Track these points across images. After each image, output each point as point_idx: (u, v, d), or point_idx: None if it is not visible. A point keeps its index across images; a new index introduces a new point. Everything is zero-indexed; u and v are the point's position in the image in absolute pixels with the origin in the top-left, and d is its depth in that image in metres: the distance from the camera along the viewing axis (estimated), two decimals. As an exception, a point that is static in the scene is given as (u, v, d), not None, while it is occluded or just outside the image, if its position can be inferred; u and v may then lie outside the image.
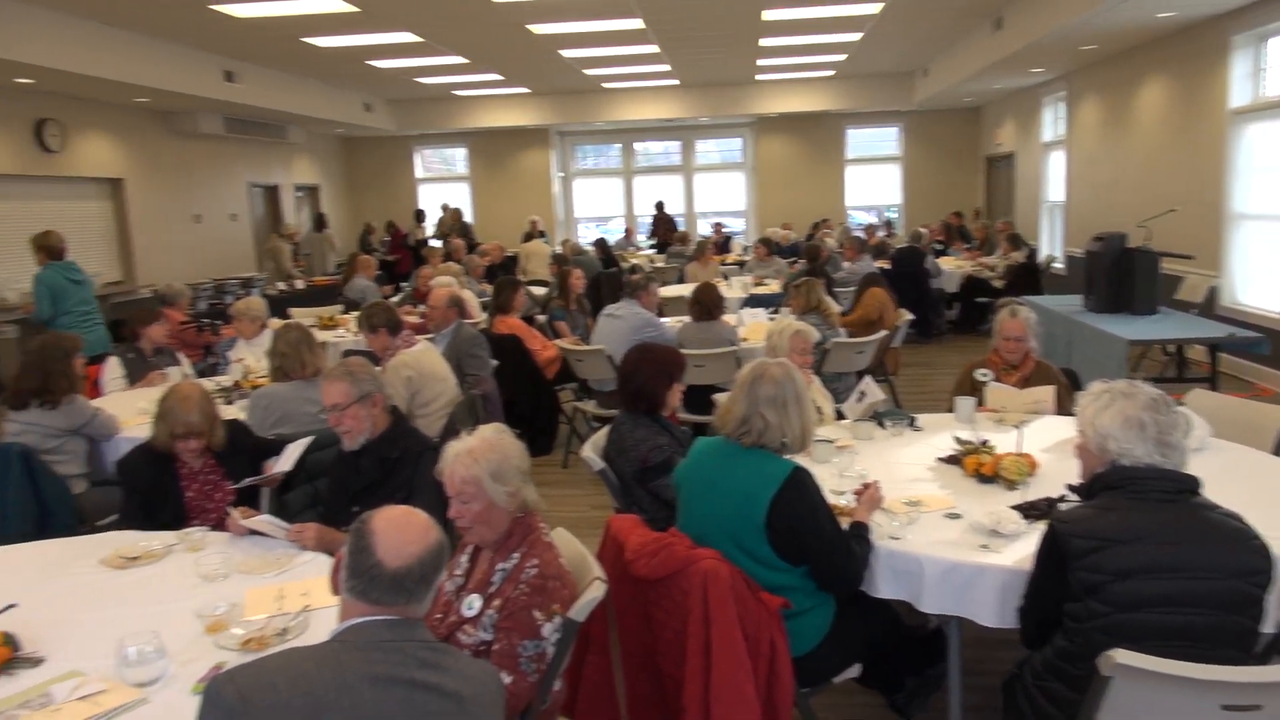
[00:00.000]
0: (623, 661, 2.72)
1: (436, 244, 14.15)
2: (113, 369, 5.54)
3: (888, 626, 2.87)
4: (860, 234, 12.20)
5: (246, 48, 10.20)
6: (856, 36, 11.13)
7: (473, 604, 2.33)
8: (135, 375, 5.53)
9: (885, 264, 10.08)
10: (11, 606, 2.38)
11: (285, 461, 3.40)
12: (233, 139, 13.07)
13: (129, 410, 4.61)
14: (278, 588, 2.53)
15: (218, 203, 13.19)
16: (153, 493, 3.31)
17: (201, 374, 5.96)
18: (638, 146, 18.28)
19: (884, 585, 2.68)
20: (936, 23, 10.67)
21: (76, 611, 2.44)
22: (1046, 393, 4.05)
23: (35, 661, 2.15)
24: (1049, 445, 3.45)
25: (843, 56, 12.73)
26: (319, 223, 15.10)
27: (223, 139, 12.90)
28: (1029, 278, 10.37)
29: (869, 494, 2.88)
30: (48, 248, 7.22)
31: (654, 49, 11.35)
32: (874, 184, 17.62)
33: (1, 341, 8.96)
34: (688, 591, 2.46)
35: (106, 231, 11.19)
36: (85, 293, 7.25)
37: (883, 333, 6.50)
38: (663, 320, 6.60)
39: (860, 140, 17.55)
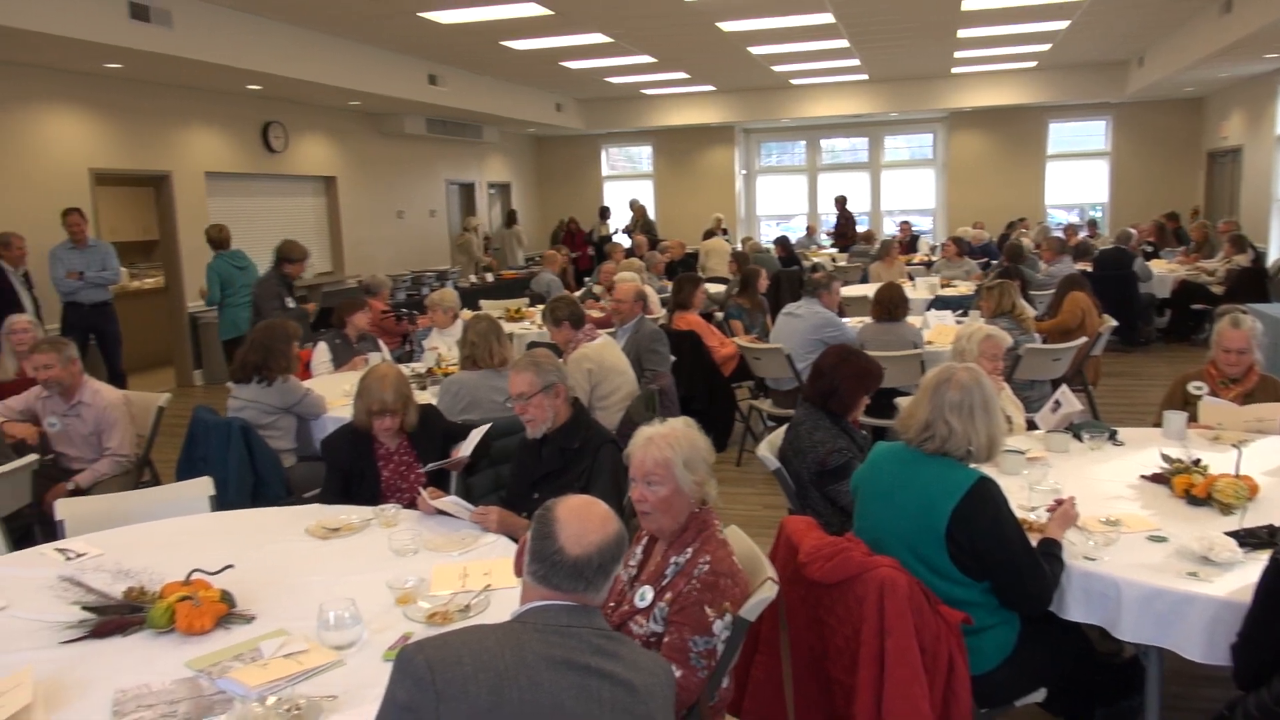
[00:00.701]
0: (791, 663, 2.68)
1: (620, 240, 14.45)
2: (321, 353, 5.97)
3: (1078, 651, 2.69)
4: (1060, 234, 11.51)
5: (449, 52, 10.73)
6: (1063, 24, 10.50)
7: (645, 595, 2.36)
8: (340, 359, 5.93)
9: (1087, 266, 9.46)
10: (229, 567, 2.60)
11: (466, 446, 3.56)
12: (433, 139, 13.80)
13: (334, 392, 4.95)
14: (462, 566, 2.65)
15: (418, 199, 13.97)
16: (352, 470, 3.54)
17: (399, 360, 6.32)
18: (824, 143, 17.97)
19: (1075, 608, 2.52)
20: (1155, 7, 9.90)
21: (284, 575, 2.64)
22: (1273, 410, 3.68)
23: (248, 618, 2.34)
24: (1272, 468, 3.14)
25: (1047, 46, 12.04)
26: (509, 219, 15.73)
27: (424, 139, 13.64)
28: (1254, 284, 9.45)
29: (1062, 510, 2.71)
30: (217, 240, 8.29)
31: (843, 44, 11.12)
32: (1077, 181, 16.56)
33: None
34: (863, 599, 2.39)
35: (319, 225, 12.07)
36: (249, 278, 8.18)
37: (1082, 339, 6.11)
38: (844, 320, 6.46)
39: (1063, 134, 16.54)
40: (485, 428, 3.66)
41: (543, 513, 1.82)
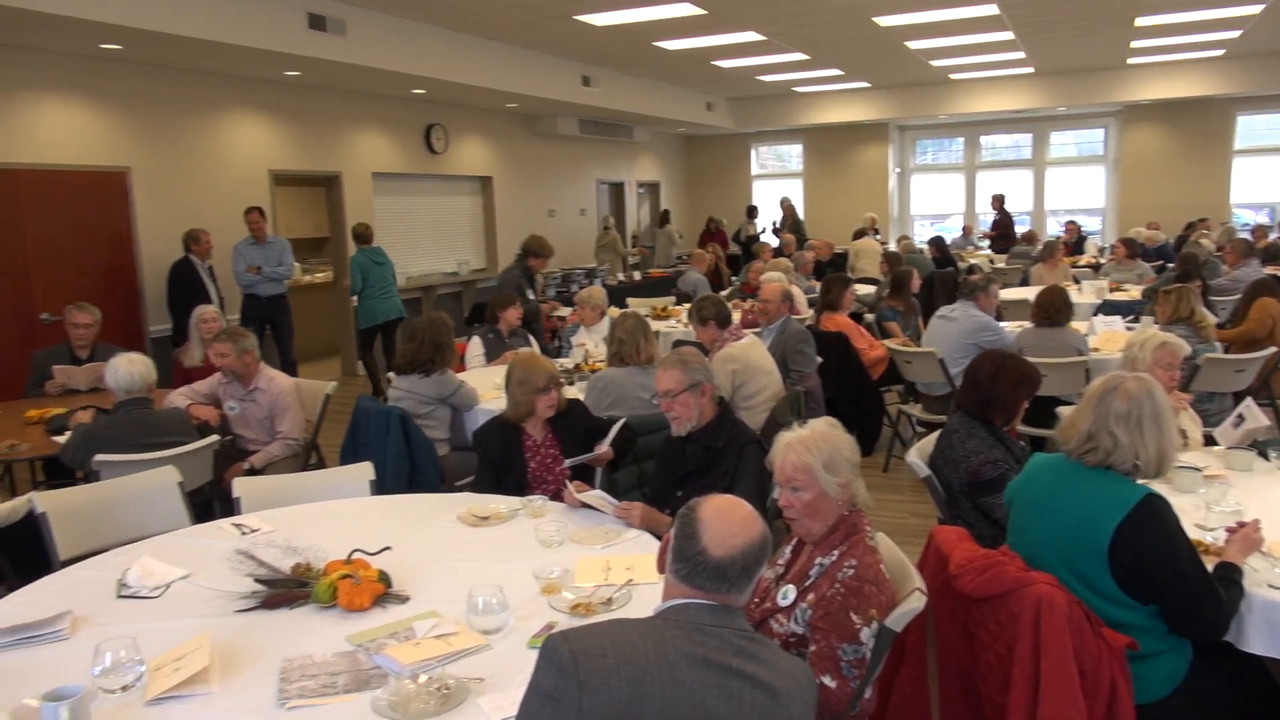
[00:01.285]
0: (939, 678, 2.59)
1: (768, 239, 14.32)
2: (475, 347, 6.18)
3: (1261, 687, 2.49)
4: (1247, 235, 10.66)
5: (602, 53, 10.91)
6: (1257, 9, 9.71)
7: (788, 594, 2.33)
8: (493, 354, 6.13)
9: (1278, 270, 8.73)
10: (387, 549, 2.73)
11: (606, 439, 3.62)
12: (585, 139, 14.06)
13: (486, 385, 5.12)
14: (605, 559, 2.68)
15: (569, 198, 14.27)
16: (502, 462, 3.66)
17: (546, 355, 6.47)
18: (983, 140, 17.28)
19: (1257, 639, 2.33)
20: (1364, -12, 9.05)
21: (436, 560, 2.75)
22: None
23: (403, 599, 2.45)
24: None
25: (1236, 33, 11.17)
26: (663, 218, 15.91)
27: (577, 139, 13.92)
28: None
29: (1244, 533, 2.51)
30: (362, 235, 8.98)
31: (1008, 36, 10.65)
32: (1268, 178, 15.30)
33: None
34: (1017, 616, 2.29)
35: (475, 223, 12.51)
36: (386, 272, 8.97)
37: (1271, 350, 5.64)
38: (1001, 324, 6.19)
39: (1253, 128, 15.30)
40: (621, 421, 3.70)
41: (686, 512, 1.82)
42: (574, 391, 4.90)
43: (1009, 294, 8.20)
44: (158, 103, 8.11)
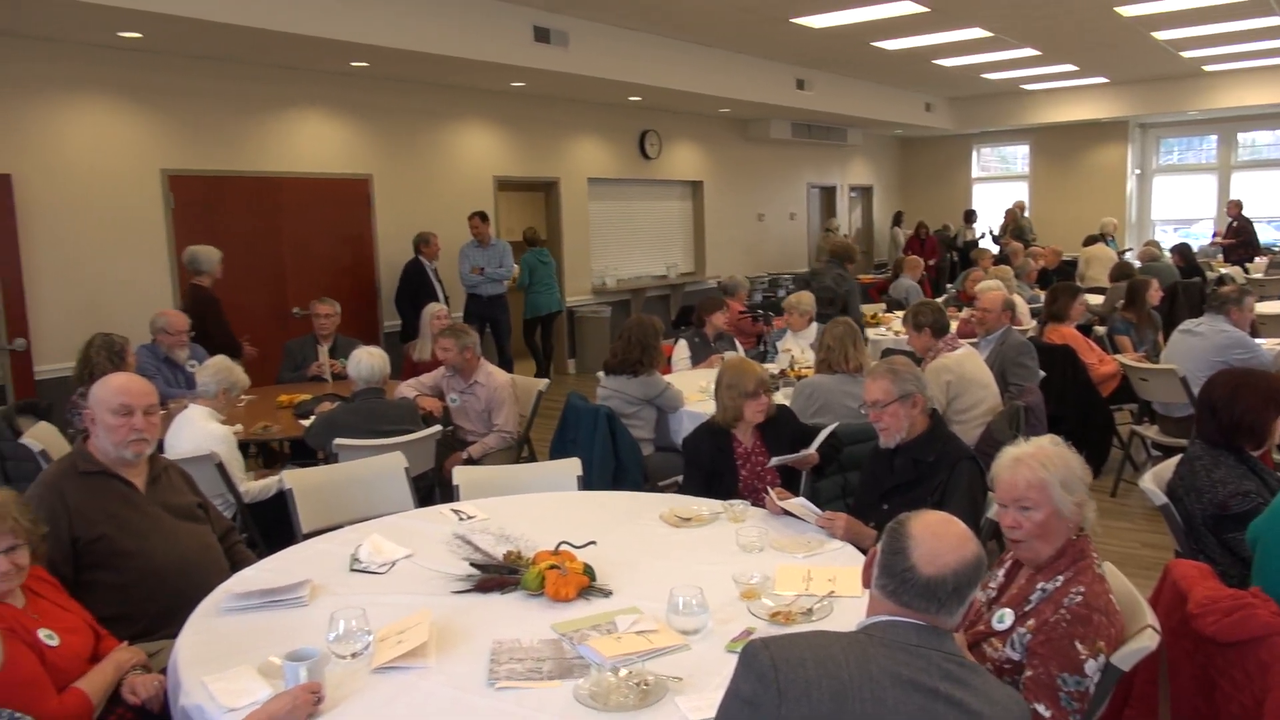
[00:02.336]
0: (1172, 727, 2.37)
1: (987, 245, 13.64)
2: (681, 350, 6.25)
3: None
4: None
5: (818, 56, 10.76)
6: None
7: (1004, 618, 2.20)
8: (698, 357, 6.18)
9: None
10: (591, 543, 2.81)
11: (814, 444, 3.57)
12: (797, 143, 13.92)
13: (691, 388, 5.16)
14: (806, 569, 2.64)
15: (779, 203, 14.17)
16: (713, 469, 3.68)
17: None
18: (1241, 137, 15.67)
19: None
20: None
21: (639, 557, 2.80)
22: None
23: (606, 593, 2.51)
24: None
25: None
26: (895, 219, 15.74)
27: (788, 143, 13.80)
28: None
29: None
30: (533, 239, 9.79)
31: (1275, 21, 9.61)
32: None
33: (596, 320, 10.64)
34: (1269, 665, 2.06)
35: (685, 227, 12.66)
36: (549, 271, 9.79)
37: None
38: (1257, 341, 5.60)
39: None
40: (833, 426, 3.64)
41: (896, 526, 1.75)
42: (780, 398, 4.86)
43: (1266, 308, 7.40)
44: (396, 114, 8.75)
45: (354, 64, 7.74)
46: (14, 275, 6.35)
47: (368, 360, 4.54)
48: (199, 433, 3.99)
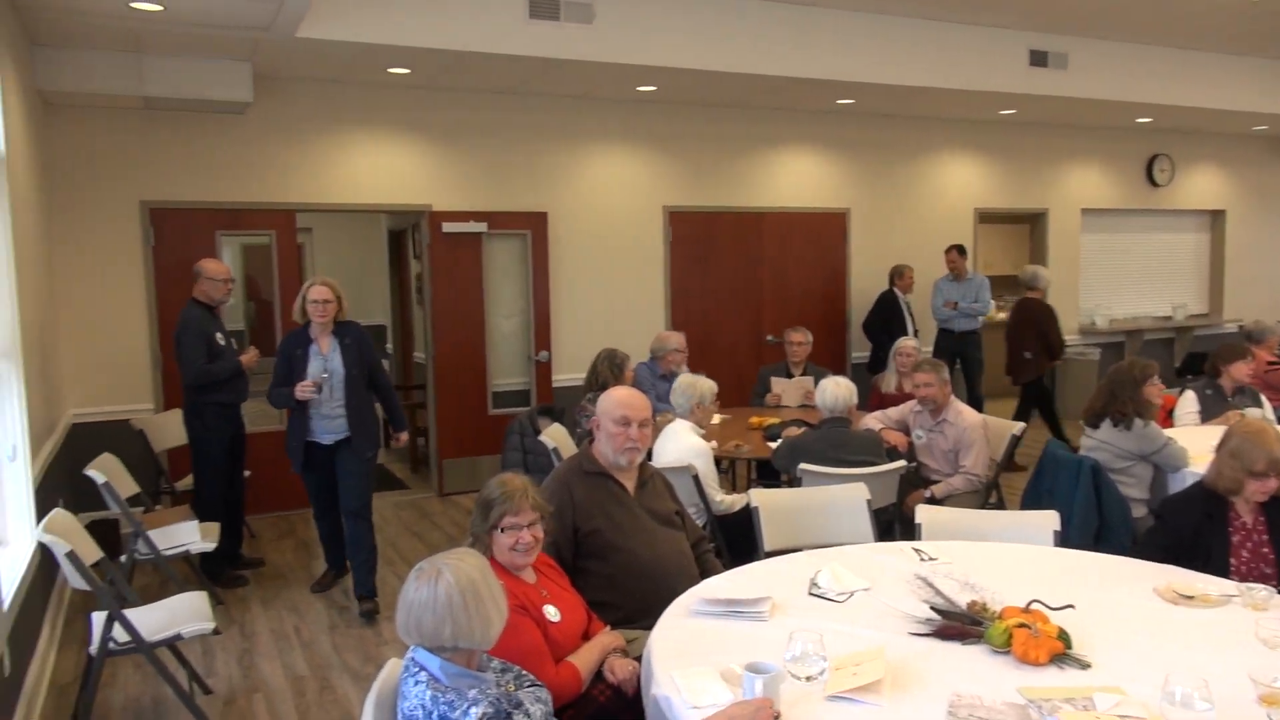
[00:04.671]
0: None
1: None
2: (1187, 403, 5.47)
3: None
4: None
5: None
6: None
7: None
8: (1209, 412, 5.36)
9: None
10: (1069, 607, 2.55)
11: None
12: (1360, 163, 11.51)
13: (1199, 446, 4.48)
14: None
15: (1329, 235, 11.82)
16: (1198, 539, 3.16)
17: (1283, 421, 5.43)
18: None
19: None
20: None
21: (1125, 631, 2.48)
22: None
23: (1083, 664, 2.26)
24: None
25: None
26: None
27: (1347, 163, 11.48)
28: None
29: None
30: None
31: None
32: None
33: (1083, 363, 9.71)
34: None
35: (1198, 262, 11.11)
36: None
37: None
38: None
39: None
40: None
41: None
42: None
43: None
44: (876, 148, 8.82)
45: (840, 101, 7.95)
46: (543, 297, 7.48)
47: (834, 390, 4.60)
48: (682, 445, 4.35)
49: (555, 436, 5.00)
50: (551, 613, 2.62)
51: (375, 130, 6.98)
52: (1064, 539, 3.45)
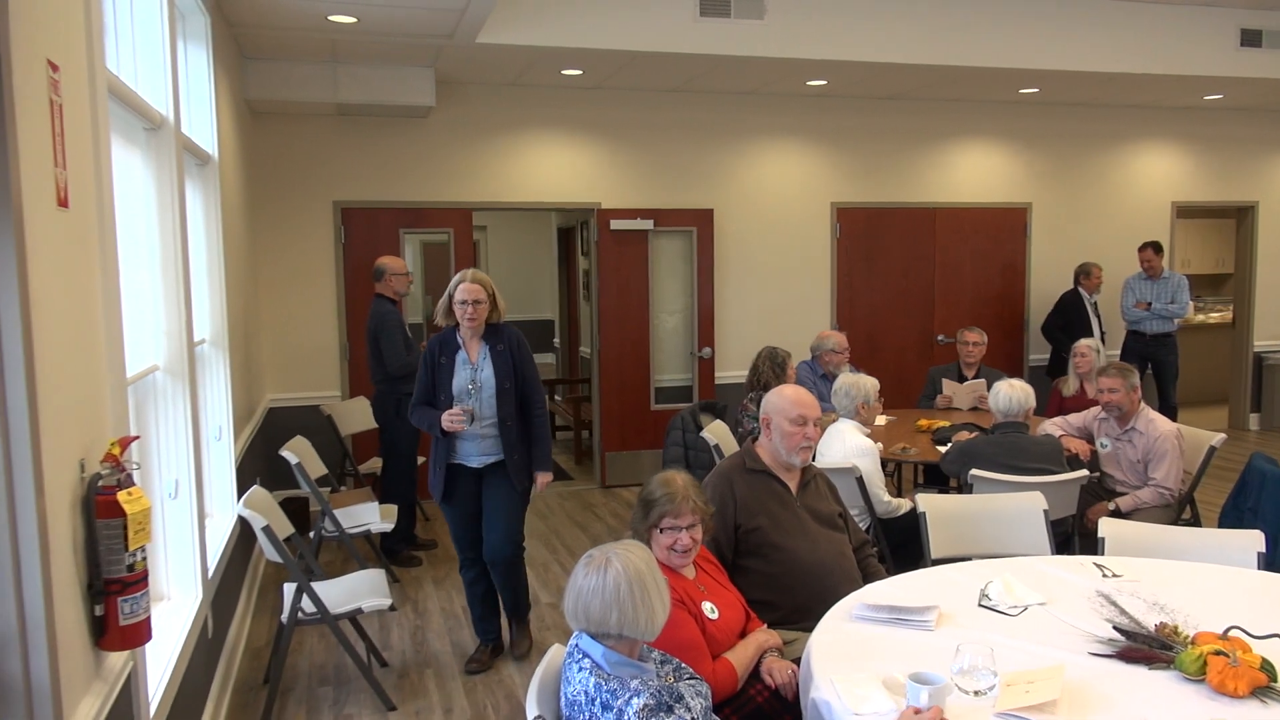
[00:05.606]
0: None
1: None
2: None
3: None
4: None
5: None
6: None
7: None
8: None
9: None
10: (1275, 635, 2.33)
11: None
12: None
13: None
14: None
15: None
16: None
17: None
18: None
19: None
20: None
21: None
22: None
23: (1294, 700, 2.06)
24: None
25: None
26: None
27: None
28: None
29: None
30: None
31: None
32: None
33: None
34: None
35: None
36: None
37: None
38: None
39: None
40: None
41: None
42: None
43: None
44: (1061, 139, 8.33)
45: (1022, 91, 7.57)
46: (708, 294, 7.49)
47: (1008, 392, 4.38)
48: (848, 445, 4.25)
49: (717, 433, 5.00)
50: (709, 609, 2.63)
51: (547, 131, 7.18)
52: (1269, 561, 3.16)
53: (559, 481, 7.71)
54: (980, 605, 2.66)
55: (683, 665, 2.21)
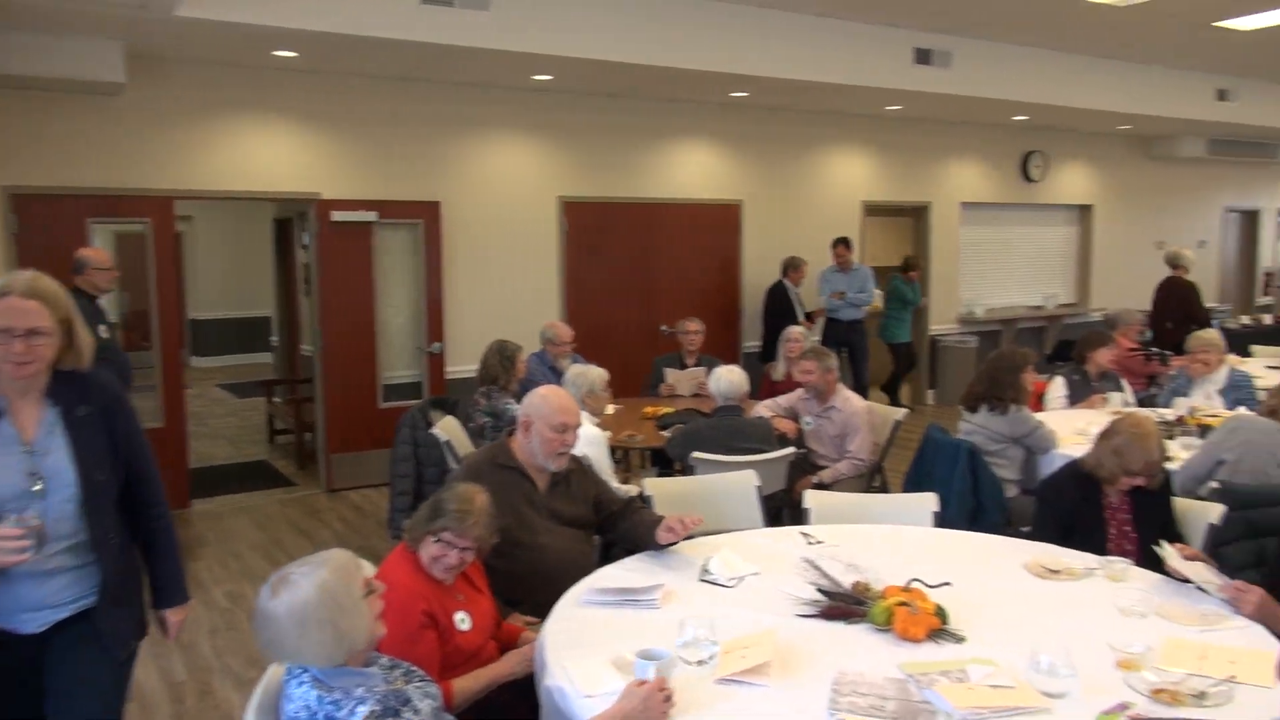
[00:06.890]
0: None
1: None
2: (1057, 388, 5.76)
3: None
4: None
5: (1246, 63, 9.44)
6: None
7: None
8: (1076, 396, 5.65)
9: None
10: (946, 584, 2.66)
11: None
12: (1213, 161, 12.28)
13: (1067, 429, 4.74)
14: (1200, 645, 2.31)
15: (1186, 229, 12.57)
16: (1075, 519, 3.33)
17: (1141, 404, 5.78)
18: None
19: None
20: None
21: (996, 606, 2.61)
22: None
23: (958, 638, 2.37)
24: None
25: None
26: None
27: (1201, 162, 12.23)
28: None
29: None
30: (908, 268, 9.60)
31: None
32: None
33: (962, 350, 10.13)
34: None
35: (1067, 255, 11.68)
36: (915, 298, 9.67)
37: None
38: None
39: None
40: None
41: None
42: (1176, 448, 4.33)
43: None
44: (768, 141, 8.97)
45: (734, 94, 8.06)
46: (436, 288, 7.36)
47: (727, 377, 4.68)
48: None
49: (448, 429, 4.94)
50: (460, 619, 2.58)
51: (261, 115, 6.74)
52: (943, 520, 3.59)
53: (279, 488, 7.28)
54: (701, 580, 2.83)
55: (413, 668, 2.17)
